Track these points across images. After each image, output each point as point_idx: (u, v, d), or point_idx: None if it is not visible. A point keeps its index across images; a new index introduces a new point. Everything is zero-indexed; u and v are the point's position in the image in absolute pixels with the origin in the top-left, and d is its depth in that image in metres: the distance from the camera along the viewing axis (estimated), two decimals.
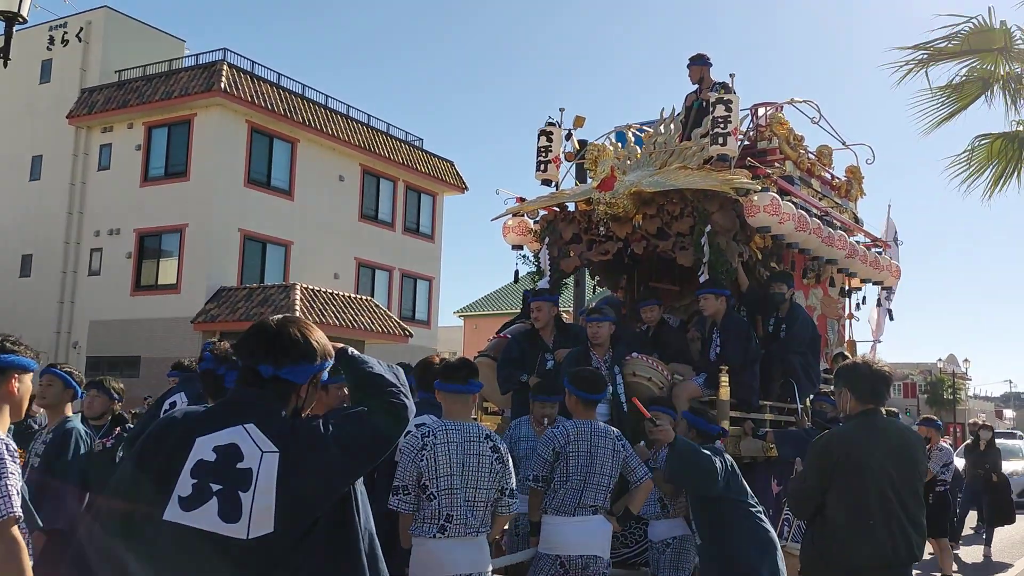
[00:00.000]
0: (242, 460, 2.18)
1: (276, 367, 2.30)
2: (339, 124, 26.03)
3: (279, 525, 2.15)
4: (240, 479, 2.16)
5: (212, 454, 2.19)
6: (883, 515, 3.79)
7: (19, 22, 9.71)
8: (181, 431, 2.26)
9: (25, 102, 26.00)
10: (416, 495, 3.91)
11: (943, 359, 46.08)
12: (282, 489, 2.17)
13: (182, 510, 2.15)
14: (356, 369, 2.49)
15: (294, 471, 2.19)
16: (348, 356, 2.52)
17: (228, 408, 2.32)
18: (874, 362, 4.05)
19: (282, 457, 2.19)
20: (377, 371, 2.48)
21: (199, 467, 2.18)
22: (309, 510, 2.22)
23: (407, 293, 28.68)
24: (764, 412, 6.55)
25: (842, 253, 7.50)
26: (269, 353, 2.31)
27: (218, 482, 2.16)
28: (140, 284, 23.78)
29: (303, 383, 2.35)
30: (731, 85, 7.16)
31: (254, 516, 2.14)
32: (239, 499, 2.15)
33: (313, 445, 2.24)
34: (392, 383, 2.46)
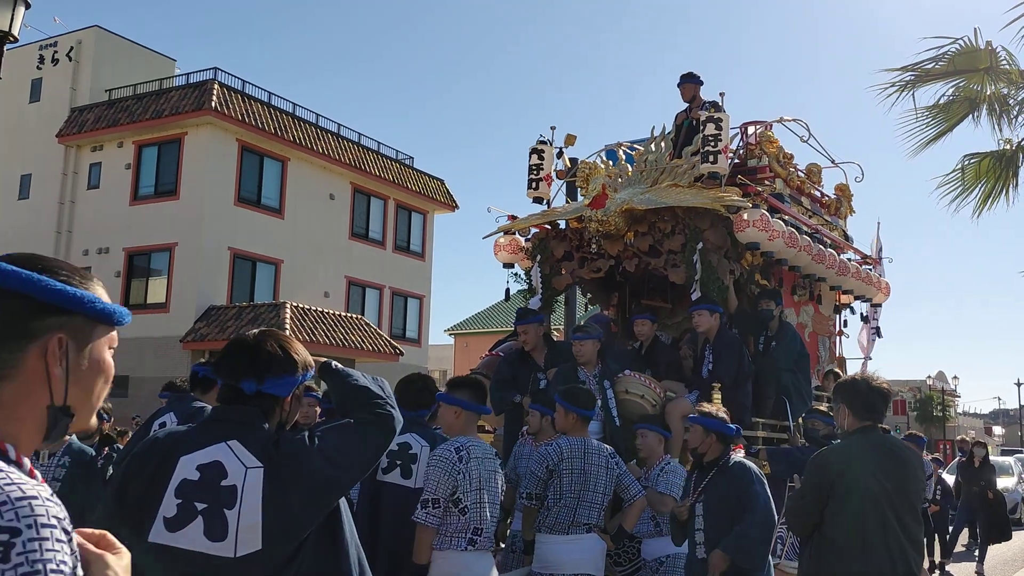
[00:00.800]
0: (226, 477, 2.16)
1: (259, 383, 2.29)
2: (330, 142, 26.07)
3: (267, 542, 2.13)
4: (225, 497, 2.14)
5: (196, 473, 2.17)
6: (881, 532, 3.78)
7: (10, 41, 9.72)
8: (163, 451, 2.24)
9: (15, 121, 25.95)
10: (445, 509, 3.93)
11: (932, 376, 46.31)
12: (268, 505, 2.15)
13: (167, 531, 2.13)
14: (341, 382, 2.48)
15: (280, 486, 2.17)
16: (332, 369, 2.52)
17: (210, 426, 2.31)
18: (873, 379, 4.04)
19: (267, 472, 2.18)
20: (362, 383, 2.47)
21: (183, 487, 2.16)
22: (298, 526, 2.19)
23: (398, 311, 28.64)
24: (757, 429, 6.55)
25: (832, 270, 7.54)
26: (250, 369, 2.30)
27: (203, 501, 2.14)
28: (129, 303, 23.64)
29: (286, 396, 2.34)
30: (721, 104, 7.21)
31: (241, 534, 2.12)
32: (225, 517, 2.13)
33: (299, 458, 2.23)
34: (378, 395, 2.45)
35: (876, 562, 3.77)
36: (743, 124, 7.92)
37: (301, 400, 2.45)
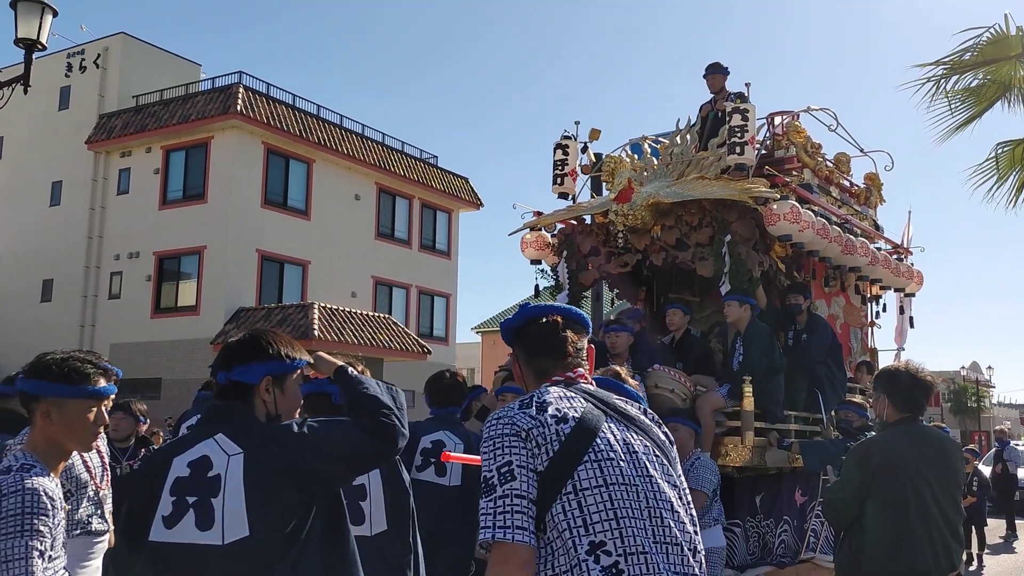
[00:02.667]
0: (212, 468, 2.23)
1: (227, 371, 2.37)
2: (354, 143, 26.19)
3: (253, 528, 2.16)
4: (211, 487, 2.21)
5: (186, 470, 2.25)
6: (923, 524, 3.72)
7: (38, 49, 9.85)
8: (159, 458, 2.34)
9: (45, 128, 26.31)
10: None
11: (966, 367, 45.66)
12: (250, 489, 2.19)
13: (165, 528, 2.20)
14: (352, 388, 2.50)
15: (260, 468, 2.22)
16: (346, 375, 2.53)
17: (202, 425, 2.38)
18: (917, 371, 3.95)
19: (247, 456, 2.23)
20: (372, 392, 2.48)
21: (176, 485, 2.24)
22: (281, 510, 2.20)
23: (424, 310, 28.72)
24: (789, 422, 6.48)
25: (864, 260, 7.44)
26: (222, 361, 2.40)
27: (193, 494, 2.21)
28: (160, 307, 23.93)
29: (255, 383, 2.37)
30: (747, 95, 7.14)
31: (227, 520, 2.17)
32: (212, 506, 2.19)
33: (282, 443, 2.27)
34: (387, 405, 2.46)
35: (919, 555, 3.71)
36: (769, 114, 7.83)
37: (289, 391, 2.45)
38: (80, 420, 2.54)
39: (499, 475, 1.96)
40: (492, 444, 2.03)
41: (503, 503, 1.94)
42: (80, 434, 2.56)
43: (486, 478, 1.98)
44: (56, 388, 2.51)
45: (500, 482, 1.96)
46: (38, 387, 2.52)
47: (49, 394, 2.51)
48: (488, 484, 1.97)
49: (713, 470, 5.59)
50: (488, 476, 1.98)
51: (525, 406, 2.10)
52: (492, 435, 2.05)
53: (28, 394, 2.55)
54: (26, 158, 26.55)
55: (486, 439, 2.06)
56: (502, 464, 1.97)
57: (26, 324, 25.10)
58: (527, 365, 2.32)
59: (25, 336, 24.15)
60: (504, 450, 2.00)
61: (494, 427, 2.06)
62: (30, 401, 2.55)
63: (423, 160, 29.19)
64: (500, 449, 2.00)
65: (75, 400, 2.52)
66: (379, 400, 2.45)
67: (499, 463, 1.98)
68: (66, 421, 2.52)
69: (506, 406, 2.16)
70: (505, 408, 2.13)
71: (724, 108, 7.16)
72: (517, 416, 2.07)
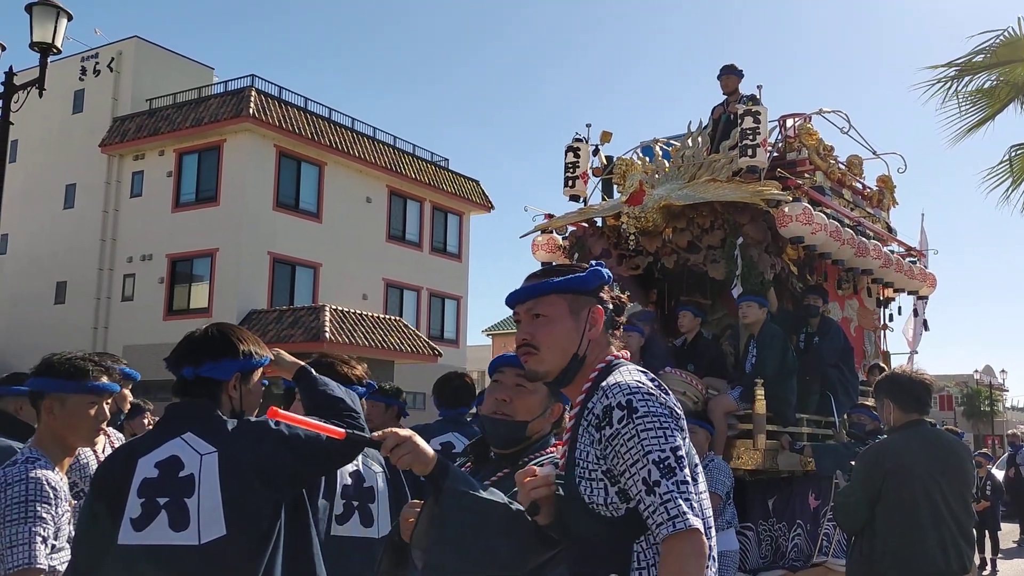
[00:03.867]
0: (183, 468, 2.20)
1: (196, 367, 2.33)
2: (365, 146, 26.26)
3: (230, 526, 2.15)
4: (184, 487, 2.18)
5: (154, 471, 2.21)
6: (934, 527, 3.71)
7: (53, 53, 9.92)
8: (123, 458, 2.29)
9: (59, 132, 26.49)
10: None
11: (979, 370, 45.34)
12: (225, 486, 2.18)
13: (135, 531, 2.16)
14: (315, 389, 2.50)
15: (236, 467, 2.20)
16: (308, 376, 2.54)
17: (165, 424, 2.34)
18: (914, 372, 3.96)
19: (221, 455, 2.21)
20: (338, 394, 2.49)
21: (144, 486, 2.20)
22: (257, 507, 2.21)
23: (435, 312, 28.75)
24: (801, 425, 6.46)
25: (877, 263, 7.40)
26: (189, 355, 2.35)
27: (164, 495, 2.18)
28: (172, 309, 24.04)
29: (227, 379, 2.35)
30: (759, 97, 7.12)
31: (203, 519, 2.15)
32: (186, 506, 2.16)
33: (256, 439, 2.25)
34: (352, 408, 2.47)
35: (931, 558, 3.70)
36: (781, 117, 7.81)
37: (254, 389, 2.45)
38: (81, 415, 2.66)
39: (675, 458, 1.81)
40: (660, 422, 1.85)
41: (688, 489, 1.79)
42: (81, 429, 2.68)
43: (659, 457, 1.80)
44: (58, 383, 2.64)
45: (679, 465, 1.81)
46: (42, 383, 2.66)
47: (52, 389, 2.64)
48: (665, 465, 1.79)
49: (727, 473, 5.58)
50: (663, 456, 1.80)
51: (663, 389, 1.96)
52: (657, 412, 1.86)
53: (35, 391, 2.68)
54: (40, 161, 26.72)
55: (648, 414, 1.85)
56: (675, 446, 1.83)
57: (40, 326, 25.26)
58: (608, 324, 2.11)
59: (39, 338, 24.29)
60: (673, 432, 1.85)
61: (655, 405, 1.88)
62: (37, 398, 2.68)
63: (434, 163, 29.24)
64: (669, 430, 1.85)
65: (76, 395, 2.65)
66: (345, 403, 2.47)
67: (672, 444, 1.83)
68: (68, 416, 2.65)
69: (637, 378, 1.95)
70: (644, 384, 1.93)
71: (736, 111, 7.15)
72: (670, 400, 1.93)
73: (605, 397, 1.91)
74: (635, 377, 1.95)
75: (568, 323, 2.07)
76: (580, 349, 2.05)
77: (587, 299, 2.09)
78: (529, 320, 2.11)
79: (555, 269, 2.18)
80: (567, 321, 2.07)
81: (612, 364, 2.04)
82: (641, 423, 1.83)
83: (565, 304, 2.08)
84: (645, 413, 1.85)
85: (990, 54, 7.40)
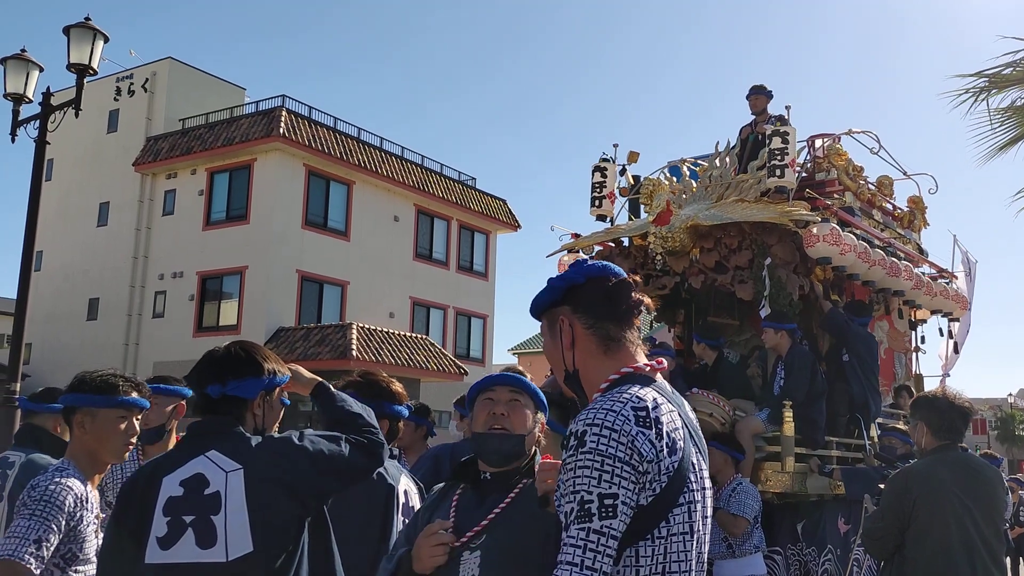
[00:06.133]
0: (208, 486, 2.20)
1: (222, 385, 2.33)
2: (393, 165, 26.46)
3: (258, 543, 2.15)
4: (210, 504, 2.18)
5: (179, 489, 2.21)
6: (967, 554, 3.63)
7: (90, 74, 10.12)
8: (147, 477, 2.29)
9: (94, 151, 26.97)
10: None
11: (1014, 394, 44.56)
12: (253, 504, 2.17)
13: (161, 550, 2.16)
14: (333, 405, 2.51)
15: (261, 484, 2.20)
16: (327, 392, 2.55)
17: (188, 443, 2.35)
18: (954, 396, 3.87)
19: (247, 472, 2.21)
20: (356, 409, 2.50)
21: (169, 504, 2.20)
22: (283, 524, 2.21)
23: (462, 331, 28.79)
24: (831, 448, 6.37)
25: (908, 284, 7.31)
26: (213, 374, 2.35)
27: (190, 513, 2.18)
28: (202, 325, 24.28)
29: (252, 398, 2.36)
30: (787, 117, 7.09)
31: (230, 537, 2.15)
32: (212, 524, 2.16)
33: (280, 454, 2.26)
34: (370, 423, 2.48)
35: None
36: (810, 137, 7.77)
37: (276, 406, 2.47)
38: (111, 429, 2.73)
39: (600, 505, 1.67)
40: (602, 463, 1.69)
41: (597, 540, 1.66)
42: (111, 443, 2.74)
43: (583, 499, 1.68)
44: (89, 398, 2.71)
45: (600, 514, 1.67)
46: (74, 399, 2.73)
47: (83, 404, 2.72)
48: (584, 509, 1.68)
49: (755, 496, 5.52)
50: (587, 499, 1.68)
51: (642, 423, 1.74)
52: (604, 452, 1.69)
53: (68, 407, 2.75)
54: (75, 180, 27.20)
55: (593, 451, 1.70)
56: (607, 494, 1.68)
57: (72, 342, 25.62)
58: (591, 329, 1.93)
59: (71, 354, 24.65)
60: (614, 478, 1.68)
61: (608, 443, 1.70)
62: (70, 414, 2.75)
63: (461, 182, 29.39)
64: (609, 474, 1.69)
65: (106, 409, 2.72)
66: (363, 418, 2.49)
67: (603, 491, 1.68)
68: (98, 430, 2.72)
69: (615, 407, 1.75)
70: (618, 414, 1.74)
71: (764, 131, 7.12)
72: (638, 439, 1.72)
73: (574, 422, 1.78)
74: (615, 406, 1.76)
75: (549, 343, 2.02)
76: (567, 364, 1.96)
77: (557, 311, 2.00)
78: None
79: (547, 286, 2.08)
80: (548, 341, 2.03)
81: (622, 379, 1.87)
82: (583, 459, 1.71)
83: (546, 324, 2.05)
84: (592, 450, 1.70)
85: (1021, 67, 7.29)
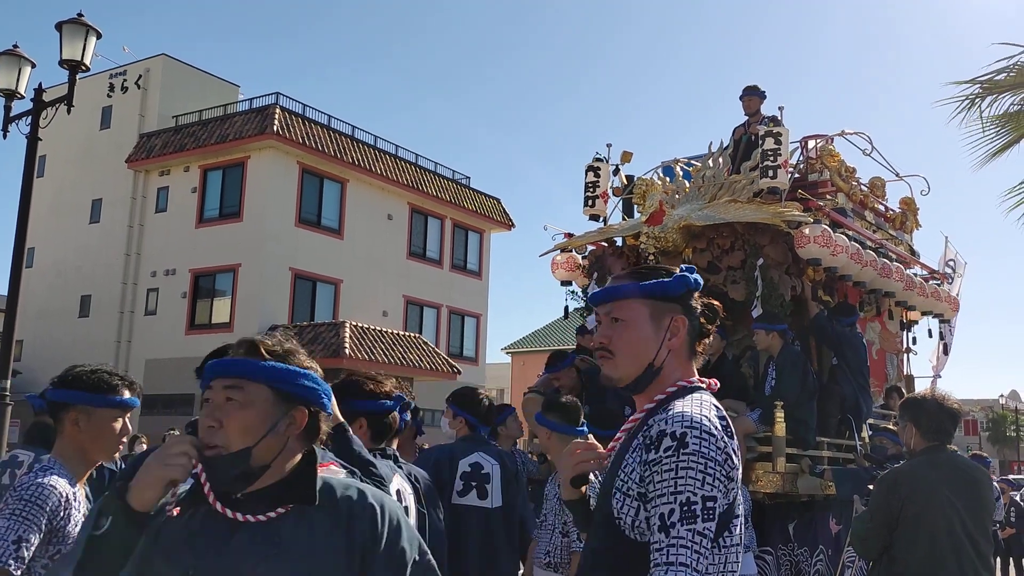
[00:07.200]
0: None
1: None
2: (387, 164, 26.44)
3: None
4: None
5: None
6: (954, 554, 3.65)
7: (82, 70, 10.08)
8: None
9: (86, 147, 26.87)
10: None
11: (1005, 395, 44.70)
12: None
13: None
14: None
15: None
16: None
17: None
18: (943, 398, 3.89)
19: None
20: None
21: None
22: None
23: (455, 330, 28.78)
24: (822, 449, 6.39)
25: (899, 285, 7.34)
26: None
27: None
28: (195, 323, 24.23)
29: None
30: (780, 118, 7.11)
31: None
32: None
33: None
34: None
35: None
36: (803, 138, 7.78)
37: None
38: (107, 429, 2.68)
39: (704, 507, 1.70)
40: (705, 465, 1.72)
41: (701, 542, 1.69)
42: (106, 443, 2.70)
43: (689, 499, 1.70)
44: (86, 396, 2.64)
45: (703, 516, 1.69)
46: (69, 396, 2.66)
47: (79, 402, 2.65)
48: (690, 510, 1.69)
49: (745, 496, 5.53)
50: (693, 500, 1.70)
51: (727, 431, 1.82)
52: (707, 455, 1.74)
53: (58, 403, 2.68)
54: (68, 176, 27.10)
55: (697, 453, 1.73)
56: (708, 496, 1.71)
57: (64, 339, 25.53)
58: (689, 336, 1.99)
59: (63, 351, 24.54)
60: (715, 481, 1.72)
61: (709, 446, 1.75)
62: (59, 410, 2.68)
63: (455, 180, 29.38)
64: (712, 477, 1.73)
65: (103, 409, 2.66)
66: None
67: (706, 493, 1.71)
68: (94, 429, 2.66)
69: (706, 412, 1.82)
70: (711, 420, 1.80)
71: (757, 131, 7.13)
72: (731, 448, 1.79)
73: (665, 423, 1.80)
74: (703, 411, 1.82)
75: (646, 330, 1.95)
76: (657, 359, 1.94)
77: (670, 306, 1.97)
78: (608, 323, 2.00)
79: (640, 270, 2.05)
80: (645, 328, 1.95)
81: (691, 387, 1.93)
82: (685, 460, 1.73)
83: (646, 309, 1.96)
84: (694, 451, 1.73)
85: (1015, 72, 7.31)
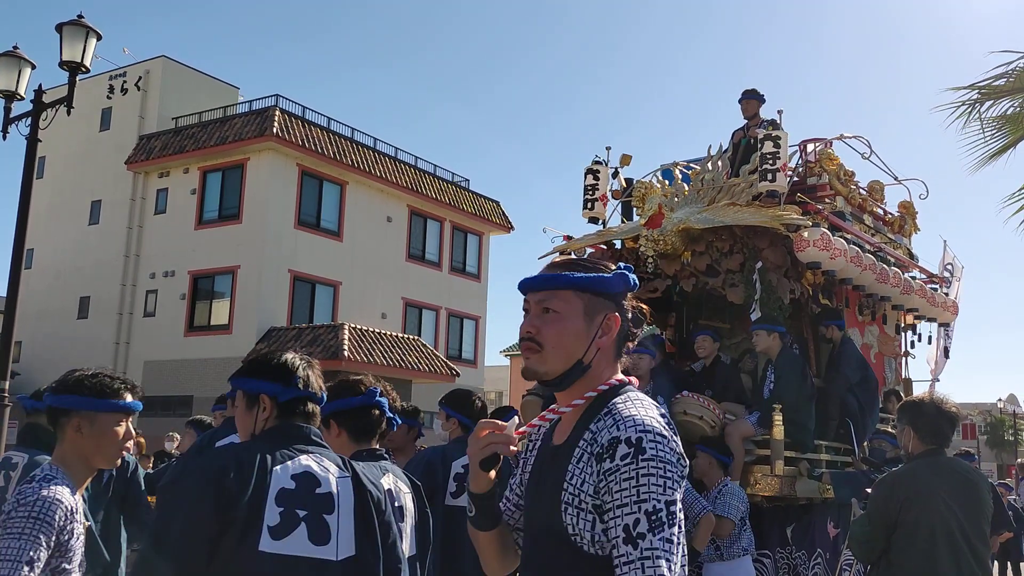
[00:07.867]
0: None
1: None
2: (387, 166, 26.45)
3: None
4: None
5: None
6: (953, 559, 3.66)
7: (82, 72, 10.09)
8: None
9: (86, 149, 26.87)
10: None
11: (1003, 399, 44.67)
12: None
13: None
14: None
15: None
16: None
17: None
18: (942, 402, 3.90)
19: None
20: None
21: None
22: None
23: (454, 332, 28.78)
24: (820, 452, 6.40)
25: (897, 289, 7.35)
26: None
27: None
28: (193, 325, 24.22)
29: None
30: (779, 122, 7.12)
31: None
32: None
33: None
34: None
35: None
36: (802, 142, 7.79)
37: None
38: (110, 434, 2.61)
39: (668, 512, 1.67)
40: (664, 470, 1.69)
41: (670, 548, 1.66)
42: (108, 448, 2.63)
43: (654, 508, 1.66)
44: (89, 402, 2.57)
45: (668, 522, 1.67)
46: (71, 401, 2.58)
47: (82, 408, 2.57)
48: (657, 519, 1.65)
49: (740, 497, 5.54)
50: (657, 508, 1.66)
51: (672, 429, 1.79)
52: (665, 459, 1.70)
53: (59, 408, 2.59)
54: (67, 178, 27.10)
55: (655, 458, 1.69)
56: (671, 500, 1.69)
57: (63, 340, 25.50)
58: (618, 336, 1.91)
59: (61, 352, 24.53)
60: (674, 484, 1.70)
61: (665, 449, 1.72)
62: (60, 415, 2.60)
63: (455, 183, 29.39)
64: (672, 480, 1.70)
65: (106, 414, 2.60)
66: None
67: (668, 497, 1.68)
68: (97, 435, 2.58)
69: (653, 413, 1.79)
70: (659, 421, 1.77)
71: (756, 135, 7.14)
72: (680, 447, 1.77)
73: (616, 428, 1.74)
74: (648, 412, 1.78)
75: (579, 325, 1.86)
76: (587, 356, 1.86)
77: (605, 303, 1.89)
78: (538, 313, 1.90)
79: (578, 262, 1.95)
80: (578, 322, 1.86)
81: (623, 387, 1.88)
82: (645, 467, 1.68)
83: (580, 304, 1.88)
84: (652, 456, 1.69)
85: (1014, 78, 7.33)
